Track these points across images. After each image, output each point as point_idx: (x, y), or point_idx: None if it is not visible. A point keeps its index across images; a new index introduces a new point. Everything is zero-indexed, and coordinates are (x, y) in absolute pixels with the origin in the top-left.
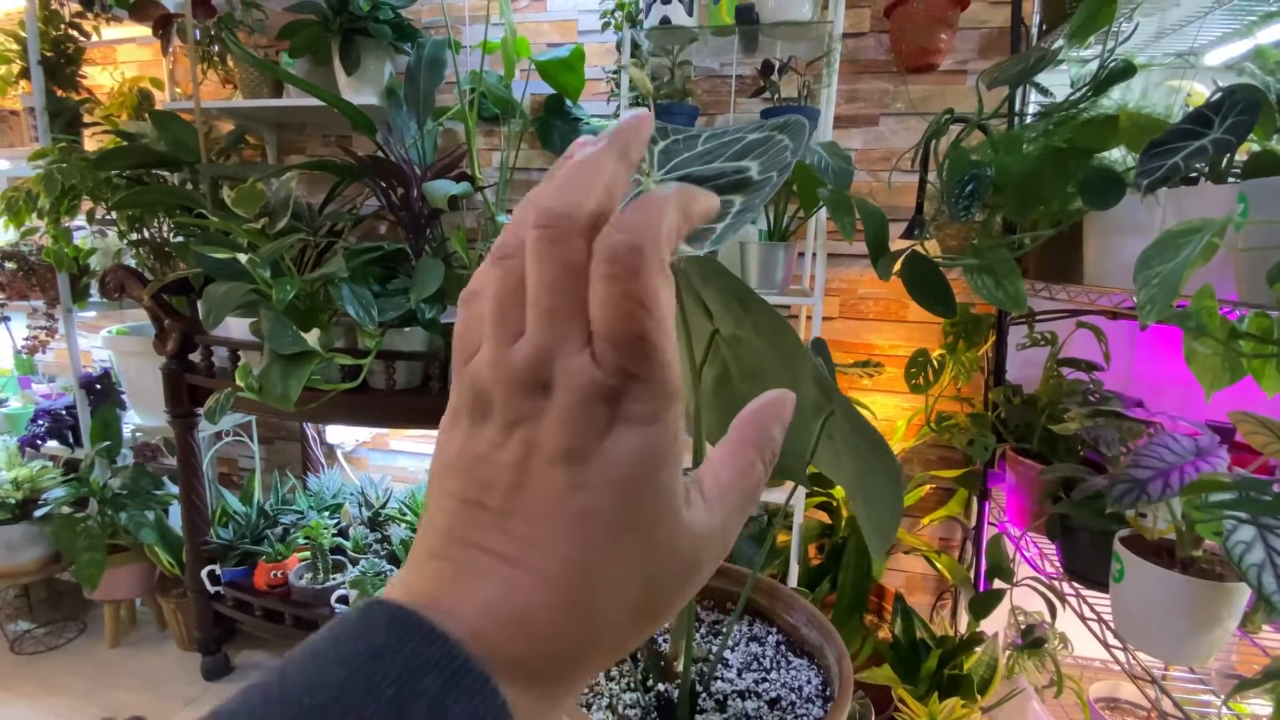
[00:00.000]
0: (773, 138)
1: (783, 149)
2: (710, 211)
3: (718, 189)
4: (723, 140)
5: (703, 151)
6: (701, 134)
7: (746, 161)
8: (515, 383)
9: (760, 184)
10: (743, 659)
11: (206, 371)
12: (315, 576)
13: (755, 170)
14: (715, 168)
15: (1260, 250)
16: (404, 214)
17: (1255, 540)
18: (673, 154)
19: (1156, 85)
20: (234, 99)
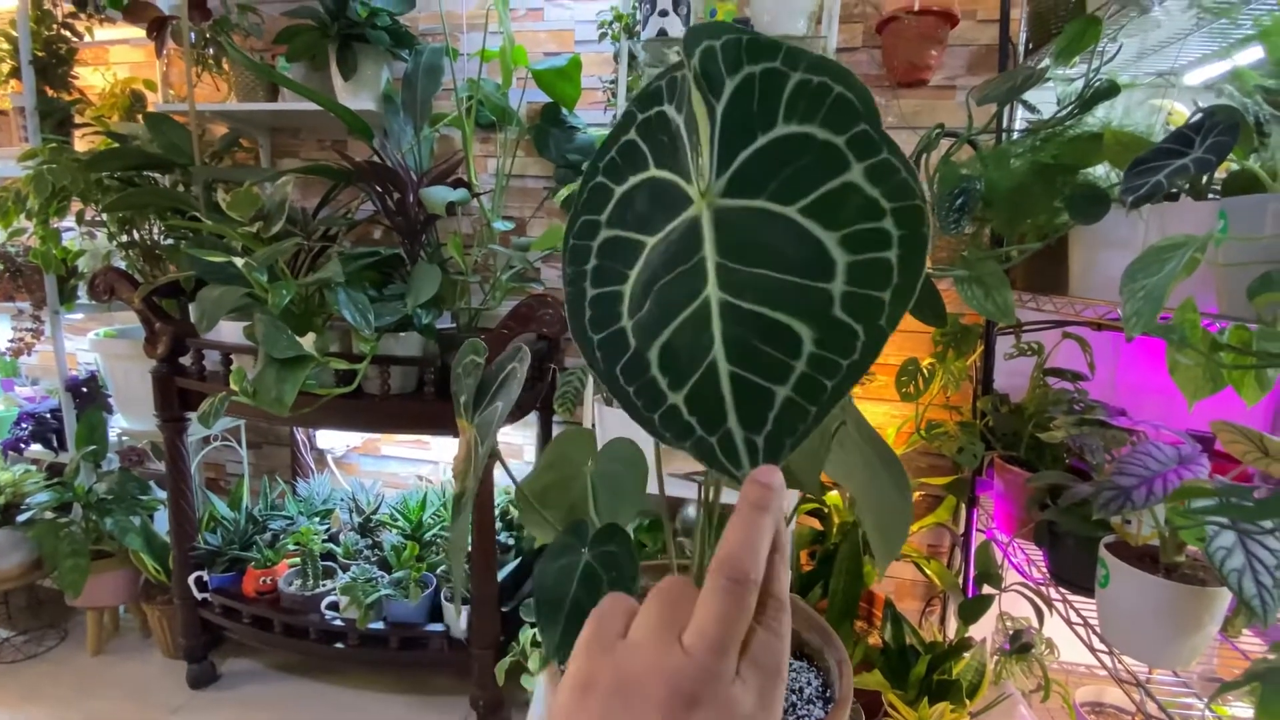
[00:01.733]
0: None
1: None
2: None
3: (788, 302)
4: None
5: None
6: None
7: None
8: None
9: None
10: None
11: (198, 375)
12: (305, 583)
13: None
14: (788, 237)
15: (1239, 265)
16: (400, 219)
17: (1235, 546)
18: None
19: (1139, 104)
20: (228, 102)
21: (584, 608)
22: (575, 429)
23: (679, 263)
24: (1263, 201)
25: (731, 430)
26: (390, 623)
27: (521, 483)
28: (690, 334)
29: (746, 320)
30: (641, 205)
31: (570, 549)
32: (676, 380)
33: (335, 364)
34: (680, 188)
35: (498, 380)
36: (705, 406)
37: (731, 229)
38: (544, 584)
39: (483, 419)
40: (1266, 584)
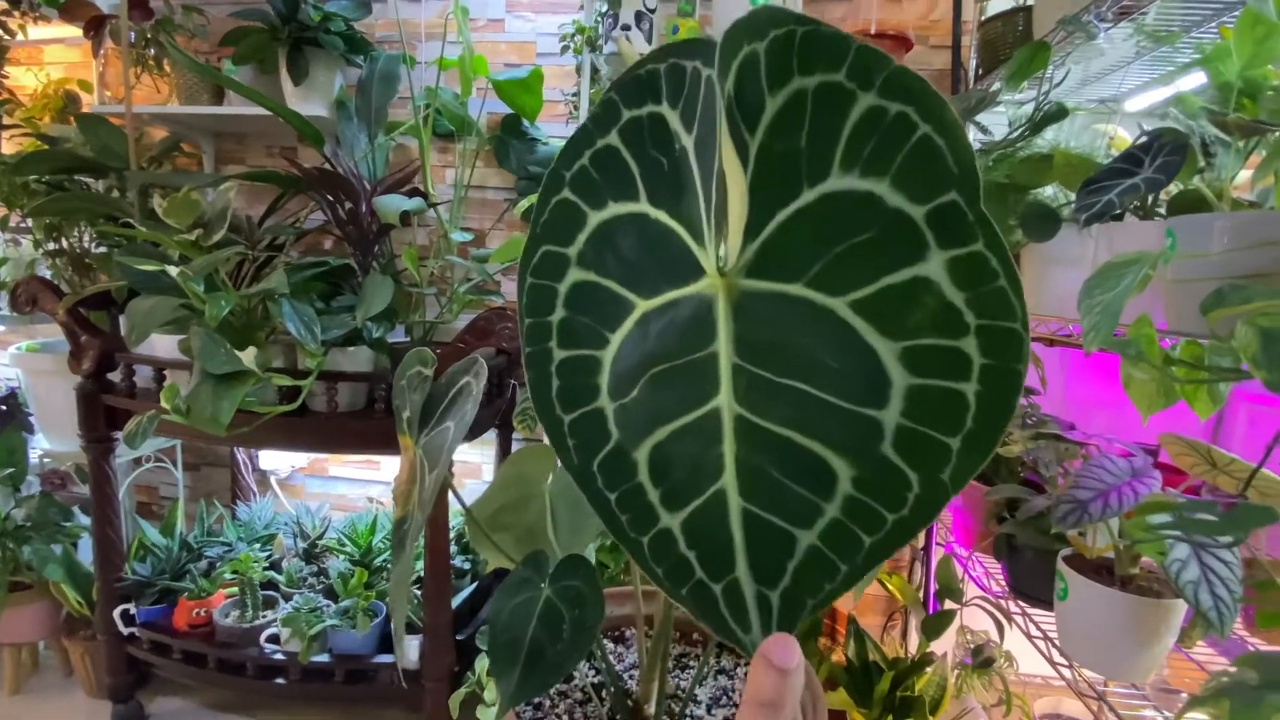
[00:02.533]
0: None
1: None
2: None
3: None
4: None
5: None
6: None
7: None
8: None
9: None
10: (711, 693)
11: (127, 392)
12: (243, 614)
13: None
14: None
15: (1189, 282)
16: (351, 229)
17: (1190, 558)
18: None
19: (1083, 128)
20: (169, 105)
21: (544, 649)
22: (533, 445)
23: (682, 353)
24: (1209, 220)
25: (740, 580)
26: (336, 655)
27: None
28: (693, 446)
29: (768, 445)
30: (629, 250)
31: (528, 583)
32: (672, 498)
33: (278, 380)
34: (686, 246)
35: (448, 396)
36: (708, 542)
37: (756, 322)
38: (500, 623)
39: (431, 442)
40: (1222, 596)
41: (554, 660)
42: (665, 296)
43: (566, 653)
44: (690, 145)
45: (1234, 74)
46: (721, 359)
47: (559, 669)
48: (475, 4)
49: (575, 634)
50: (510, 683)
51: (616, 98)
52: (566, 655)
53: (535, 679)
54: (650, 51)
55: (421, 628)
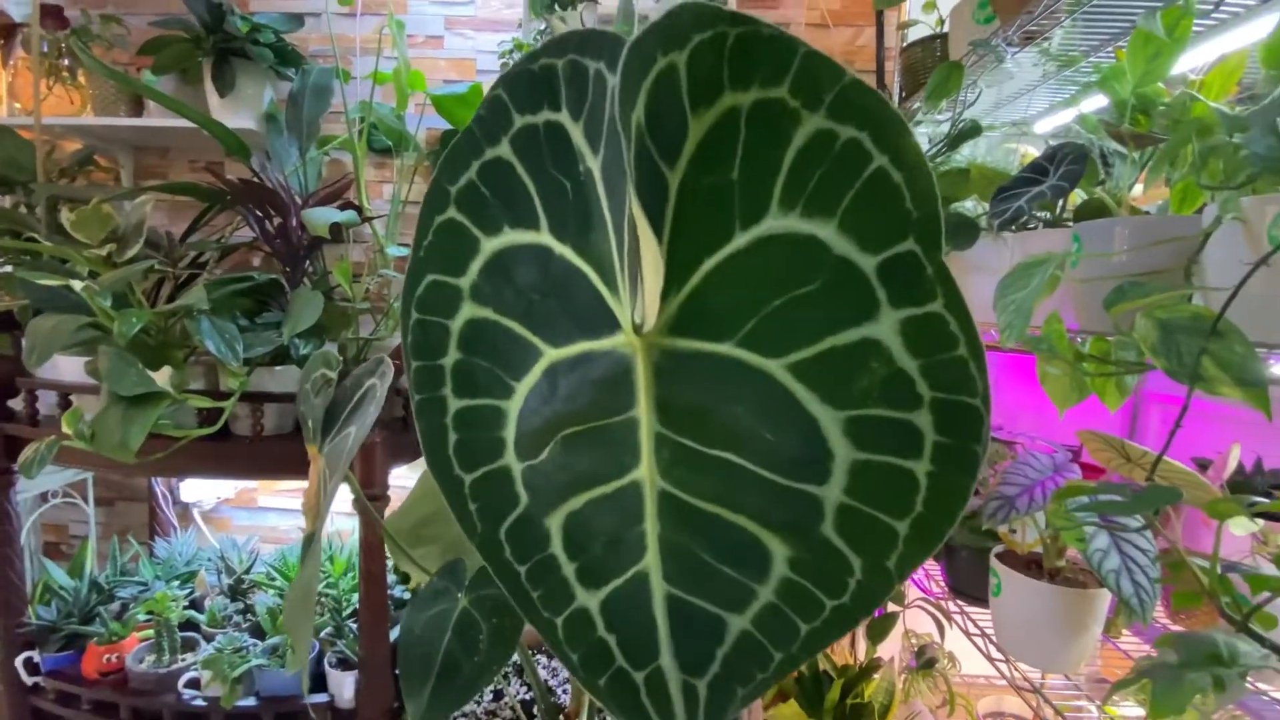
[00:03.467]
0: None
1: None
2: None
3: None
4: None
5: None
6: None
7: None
8: None
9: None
10: None
11: (29, 420)
12: (160, 658)
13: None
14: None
15: (1094, 281)
16: (280, 243)
17: (1111, 548)
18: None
19: (997, 146)
20: (84, 116)
21: (459, 663)
22: None
23: (597, 415)
24: (1110, 224)
25: (664, 669)
26: (263, 697)
27: (390, 518)
28: (612, 520)
29: (695, 523)
30: (531, 286)
31: (444, 594)
32: (589, 575)
33: (196, 401)
34: (597, 291)
35: (352, 400)
36: (629, 626)
37: (681, 384)
38: (411, 636)
39: (333, 449)
40: (1142, 582)
41: (470, 675)
42: (577, 347)
43: (484, 666)
44: (597, 169)
45: (1128, 92)
46: (642, 426)
47: (475, 684)
48: (414, 21)
49: (494, 645)
50: (420, 703)
51: (506, 97)
52: (484, 669)
53: (449, 696)
54: (545, 42)
55: (357, 663)
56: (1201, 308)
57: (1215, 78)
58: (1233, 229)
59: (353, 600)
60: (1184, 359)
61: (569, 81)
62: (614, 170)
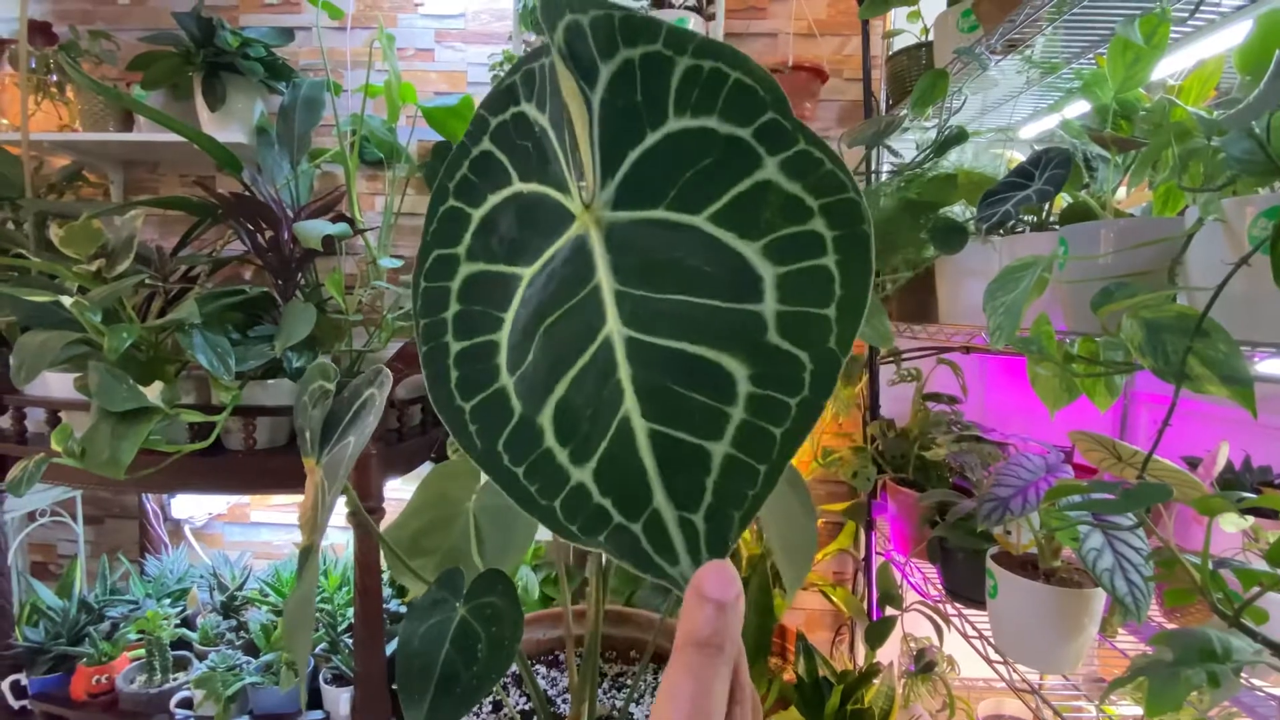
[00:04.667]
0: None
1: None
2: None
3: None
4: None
5: (666, 152)
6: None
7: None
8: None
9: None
10: (649, 711)
11: (17, 438)
12: (150, 678)
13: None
14: (700, 268)
15: (1081, 283)
16: (272, 257)
17: (1104, 547)
18: (625, 142)
19: (983, 151)
20: (73, 131)
21: (458, 673)
22: (453, 462)
23: (567, 295)
24: (1096, 227)
25: (660, 511)
26: (257, 715)
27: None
28: (592, 385)
29: (662, 361)
30: (508, 228)
31: (441, 604)
32: (580, 450)
33: (187, 416)
34: (557, 202)
35: (350, 411)
36: (621, 482)
37: (628, 248)
38: (409, 648)
39: (332, 459)
40: (1135, 581)
41: (469, 685)
42: (545, 255)
43: (483, 675)
44: (547, 123)
45: (1109, 97)
46: (604, 288)
47: (474, 694)
48: (405, 34)
49: (492, 654)
50: (419, 715)
51: (484, 112)
52: (482, 678)
53: (448, 707)
54: (509, 69)
55: (353, 678)
56: (1186, 307)
57: (1193, 82)
58: (1214, 230)
59: (348, 615)
60: (1170, 358)
61: (524, 82)
62: (557, 116)
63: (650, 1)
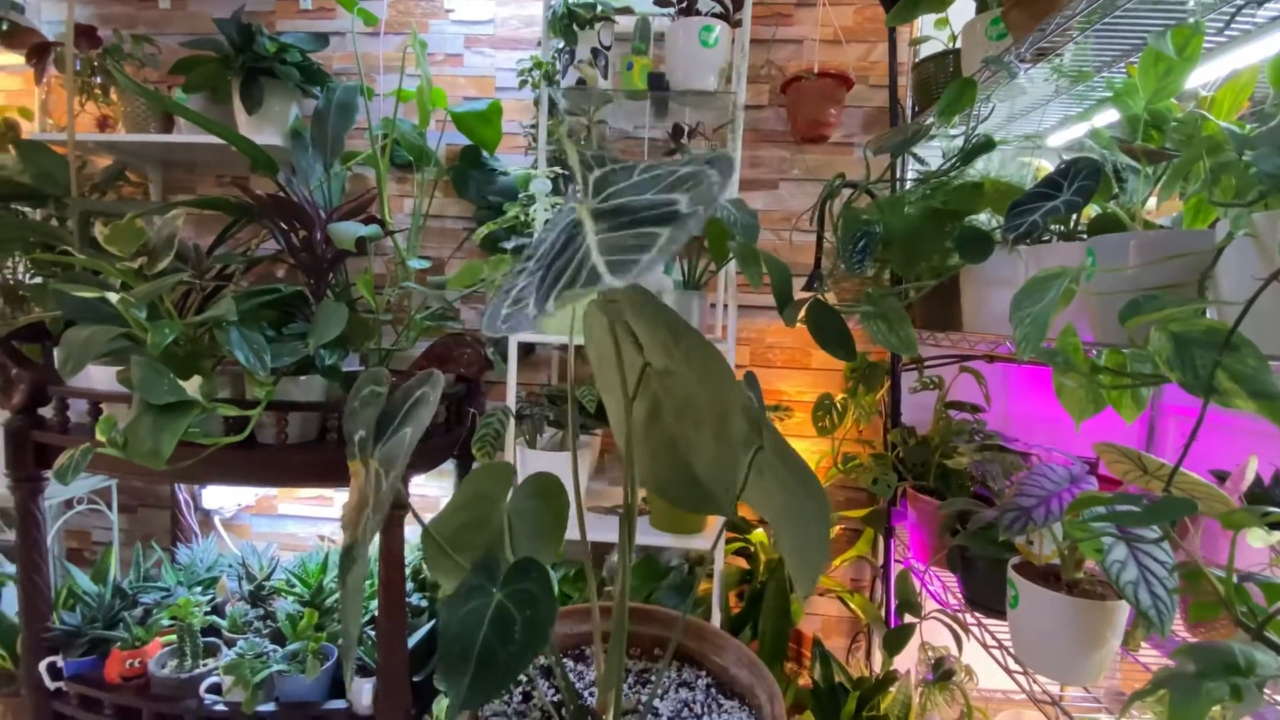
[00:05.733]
0: (703, 171)
1: (711, 184)
2: None
3: (645, 220)
4: (655, 174)
5: (636, 183)
6: (637, 166)
7: (677, 194)
8: None
9: (688, 216)
10: (673, 707)
11: (60, 428)
12: (181, 663)
13: (684, 204)
14: (646, 199)
15: (1109, 294)
16: (305, 256)
17: (1129, 559)
18: (608, 183)
19: (1010, 159)
20: (115, 133)
21: (496, 652)
22: (491, 463)
23: (567, 235)
24: (1125, 239)
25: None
26: (283, 703)
27: (430, 524)
28: (569, 239)
29: (610, 216)
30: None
31: (480, 590)
32: (559, 276)
33: (225, 410)
34: (573, 207)
35: (405, 406)
36: (574, 274)
37: (601, 211)
38: (450, 630)
39: (389, 449)
40: (1160, 594)
41: (506, 662)
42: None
43: (519, 654)
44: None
45: (1140, 108)
46: (585, 220)
47: (511, 670)
48: (434, 39)
49: (527, 635)
50: (460, 689)
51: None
52: (519, 656)
53: (487, 682)
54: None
55: (375, 669)
56: (1215, 321)
57: (1226, 94)
58: (1245, 244)
59: (369, 608)
60: (1199, 372)
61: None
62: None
63: (677, 10)
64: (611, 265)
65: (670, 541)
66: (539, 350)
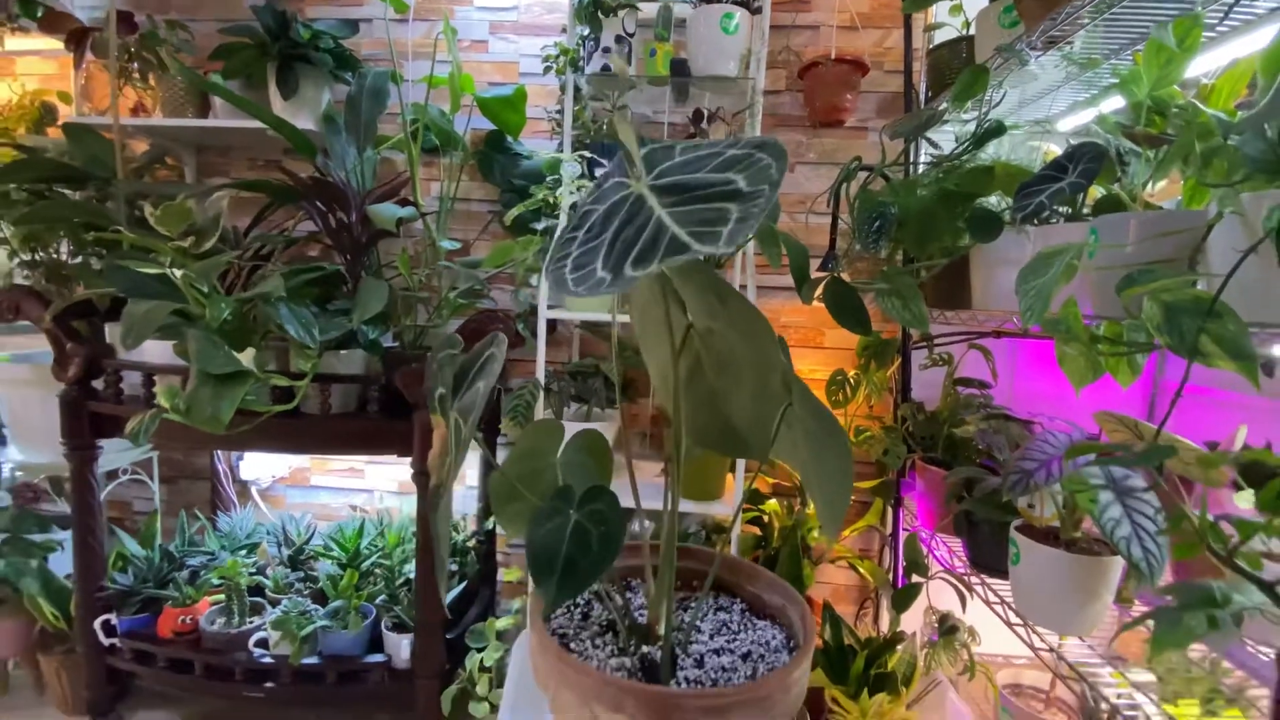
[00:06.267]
0: (754, 155)
1: (766, 166)
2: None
3: (710, 197)
4: (700, 154)
5: (682, 162)
6: (676, 145)
7: (732, 174)
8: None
9: (752, 195)
10: (713, 626)
11: (114, 399)
12: (230, 620)
13: (744, 183)
14: (702, 178)
15: (1109, 269)
16: (344, 236)
17: (1123, 517)
18: (655, 161)
19: (1020, 144)
20: (153, 117)
21: (577, 560)
22: (543, 420)
23: (624, 206)
24: (1125, 218)
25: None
26: (326, 656)
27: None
28: (632, 212)
29: (674, 190)
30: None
31: (558, 512)
32: (629, 246)
33: (276, 380)
34: (627, 183)
35: (477, 364)
36: (645, 240)
37: (658, 186)
38: (536, 544)
39: (465, 402)
40: (1151, 548)
41: (585, 569)
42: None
43: (597, 561)
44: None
45: (1144, 95)
46: (645, 189)
47: (591, 576)
48: (460, 25)
49: (603, 546)
50: (550, 589)
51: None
52: (597, 564)
53: (571, 583)
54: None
55: (412, 627)
56: (1203, 292)
57: (1226, 82)
58: (1233, 222)
59: (403, 571)
60: (1185, 336)
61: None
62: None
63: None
64: (695, 235)
65: (691, 508)
66: (560, 330)
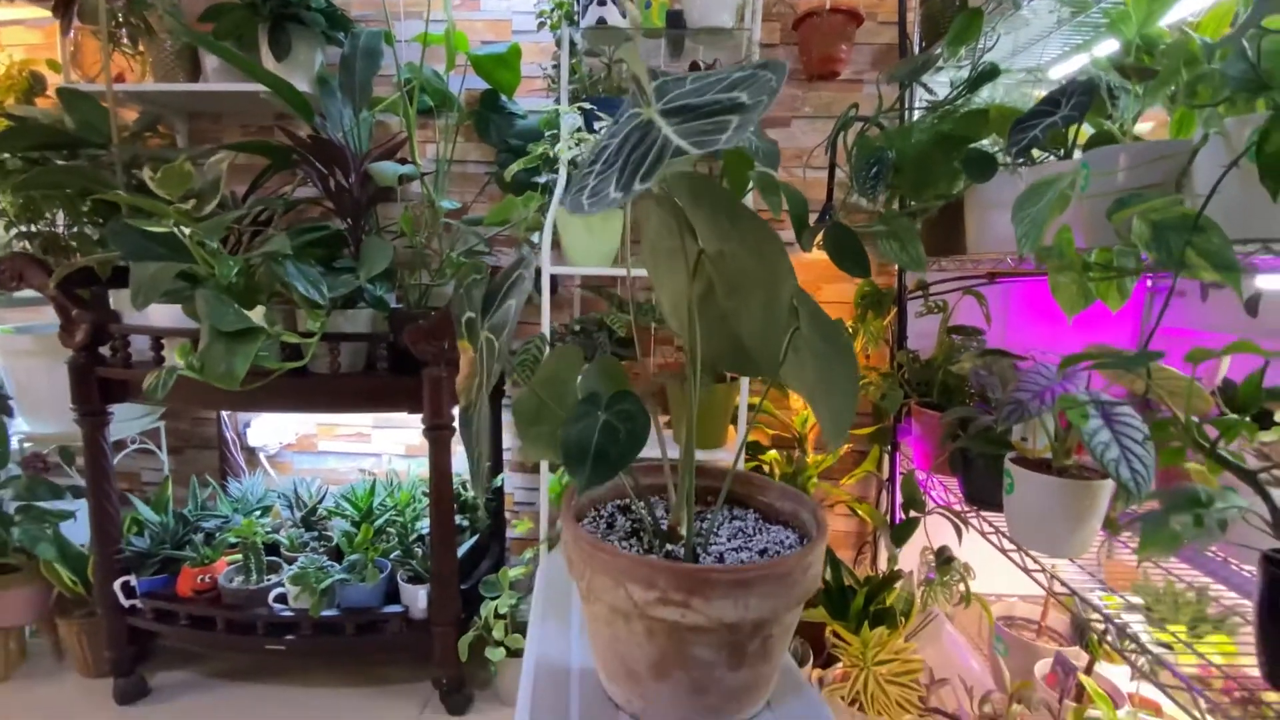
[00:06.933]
0: (756, 74)
1: (767, 80)
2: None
3: (713, 112)
4: (709, 80)
5: (692, 89)
6: (689, 76)
7: (736, 93)
8: None
9: (752, 106)
10: (730, 532)
11: (123, 363)
12: (248, 578)
13: (746, 97)
14: (708, 99)
15: (1099, 197)
16: (345, 196)
17: (1111, 440)
18: (666, 90)
19: (1014, 89)
20: (142, 82)
21: (607, 452)
22: (564, 347)
23: (636, 132)
24: (1115, 150)
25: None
26: (344, 609)
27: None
28: (643, 135)
29: (681, 109)
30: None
31: (588, 413)
32: (637, 166)
33: (288, 337)
34: (640, 109)
35: (506, 284)
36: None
37: (667, 112)
38: (570, 440)
39: (495, 320)
40: (1138, 469)
41: (615, 458)
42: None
43: (625, 452)
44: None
45: (1133, 33)
46: (655, 117)
47: (620, 464)
48: None
49: (629, 440)
50: (583, 475)
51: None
52: (625, 455)
53: (602, 471)
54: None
55: (428, 578)
56: (1189, 209)
57: (1210, 20)
58: (1216, 144)
59: (416, 527)
60: (1172, 251)
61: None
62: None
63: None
64: (695, 144)
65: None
66: (560, 292)
